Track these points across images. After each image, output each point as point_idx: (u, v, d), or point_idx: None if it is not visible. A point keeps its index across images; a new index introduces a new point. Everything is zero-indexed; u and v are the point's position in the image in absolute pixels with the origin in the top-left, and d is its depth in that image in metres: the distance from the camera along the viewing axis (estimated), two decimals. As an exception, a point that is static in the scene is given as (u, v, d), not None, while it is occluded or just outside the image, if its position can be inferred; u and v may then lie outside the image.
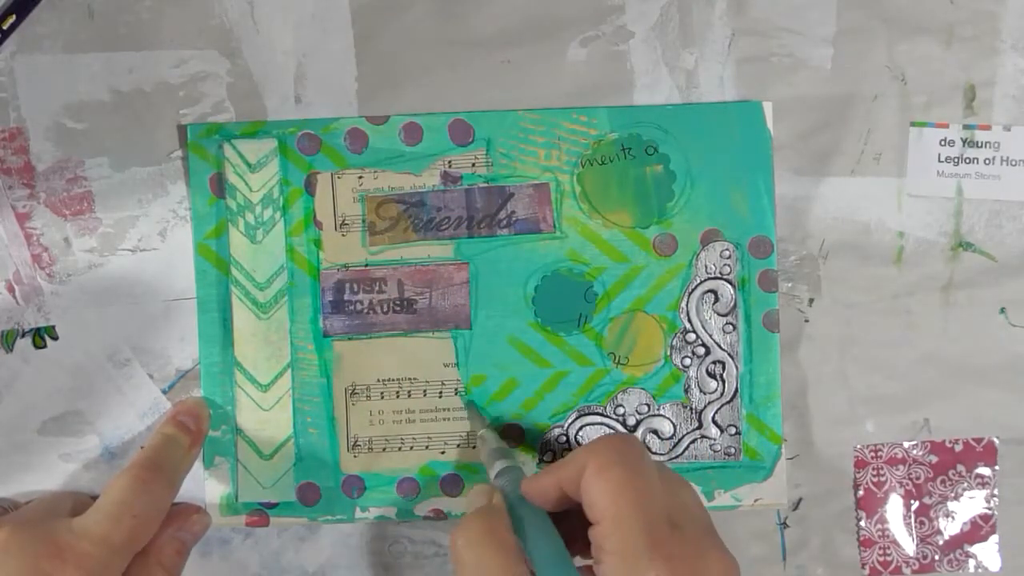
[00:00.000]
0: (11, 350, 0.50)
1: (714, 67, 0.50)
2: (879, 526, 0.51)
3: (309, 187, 0.50)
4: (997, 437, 0.51)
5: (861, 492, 0.50)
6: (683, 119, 0.49)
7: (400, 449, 0.50)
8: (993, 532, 0.51)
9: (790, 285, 0.50)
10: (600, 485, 0.40)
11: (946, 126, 0.50)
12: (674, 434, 0.50)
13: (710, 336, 0.50)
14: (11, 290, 0.50)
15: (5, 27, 0.48)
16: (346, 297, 0.50)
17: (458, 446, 0.50)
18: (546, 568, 0.41)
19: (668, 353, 0.50)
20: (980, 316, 0.50)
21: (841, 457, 0.50)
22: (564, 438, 0.50)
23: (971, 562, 0.51)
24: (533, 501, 0.43)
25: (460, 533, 0.42)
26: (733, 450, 0.50)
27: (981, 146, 0.50)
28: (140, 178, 0.50)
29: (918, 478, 0.51)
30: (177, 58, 0.49)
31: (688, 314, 0.50)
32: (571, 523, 0.42)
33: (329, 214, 0.50)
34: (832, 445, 0.50)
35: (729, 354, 0.50)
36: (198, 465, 0.50)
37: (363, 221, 0.50)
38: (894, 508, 0.51)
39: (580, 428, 0.50)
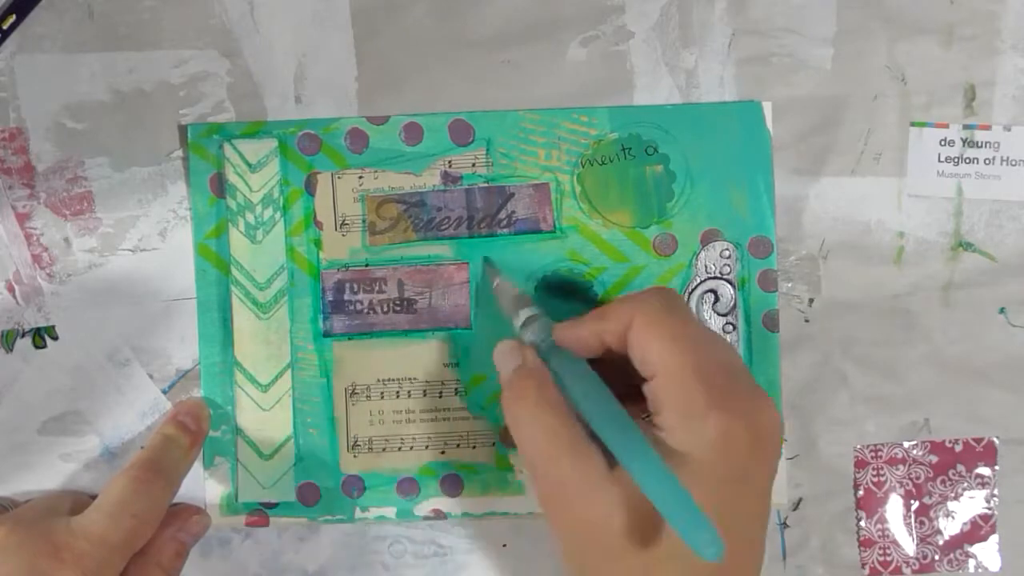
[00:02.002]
0: (11, 350, 0.50)
1: (714, 67, 0.50)
2: (879, 526, 0.51)
3: (309, 187, 0.50)
4: (997, 437, 0.51)
5: (861, 492, 0.51)
6: (683, 119, 0.50)
7: (400, 449, 0.50)
8: (993, 532, 0.51)
9: (790, 285, 0.50)
10: (653, 338, 0.40)
11: (946, 126, 0.50)
12: (674, 434, 0.50)
13: (710, 336, 0.50)
14: (11, 290, 0.50)
15: (5, 27, 0.48)
16: (346, 297, 0.50)
17: (458, 446, 0.50)
18: (604, 424, 0.39)
19: (668, 353, 0.50)
20: (980, 316, 0.50)
21: (841, 457, 0.50)
22: (564, 438, 0.50)
23: (971, 562, 0.51)
24: (570, 348, 0.42)
25: (513, 402, 0.41)
26: (733, 450, 0.50)
27: (981, 146, 0.50)
28: (140, 178, 0.50)
29: (918, 478, 0.51)
30: (177, 58, 0.49)
31: (688, 314, 0.50)
32: (604, 371, 0.41)
33: (329, 214, 0.50)
34: (832, 445, 0.50)
35: (729, 354, 0.50)
36: (198, 465, 0.50)
37: (363, 221, 0.50)
38: (894, 508, 0.51)
39: (580, 428, 0.50)
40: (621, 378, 0.42)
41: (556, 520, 0.41)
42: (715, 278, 0.50)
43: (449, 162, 0.50)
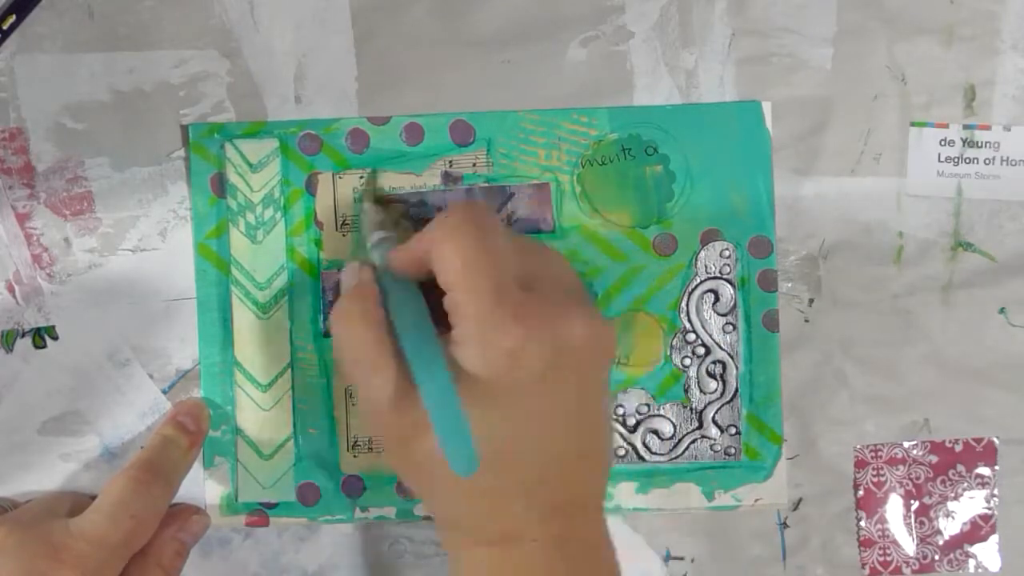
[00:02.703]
0: (11, 350, 0.50)
1: (714, 67, 0.50)
2: (879, 526, 0.51)
3: (310, 187, 0.50)
4: (997, 437, 0.51)
5: (861, 492, 0.51)
6: (683, 119, 0.50)
7: (400, 449, 0.50)
8: (993, 532, 0.51)
9: (790, 285, 0.50)
10: (447, 251, 0.40)
11: (946, 126, 0.50)
12: (674, 434, 0.50)
13: (710, 336, 0.50)
14: (11, 290, 0.50)
15: (5, 27, 0.48)
16: (346, 297, 0.50)
17: (458, 446, 0.50)
18: (407, 339, 0.41)
19: (668, 353, 0.50)
20: (980, 316, 0.50)
21: (841, 457, 0.50)
22: (564, 438, 0.50)
23: (971, 562, 0.51)
24: (398, 272, 0.43)
25: (334, 313, 0.43)
26: (733, 450, 0.50)
27: (981, 146, 0.50)
28: (140, 178, 0.50)
29: (918, 478, 0.51)
30: (177, 58, 0.49)
31: (688, 314, 0.50)
32: (439, 296, 0.42)
33: (330, 214, 0.50)
34: (832, 445, 0.50)
35: (729, 354, 0.50)
36: (198, 465, 0.50)
37: (364, 221, 0.50)
38: (894, 508, 0.51)
39: (580, 428, 0.50)
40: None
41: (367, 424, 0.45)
42: (715, 278, 0.50)
43: (450, 162, 0.50)
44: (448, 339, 0.41)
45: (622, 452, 0.50)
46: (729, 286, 0.50)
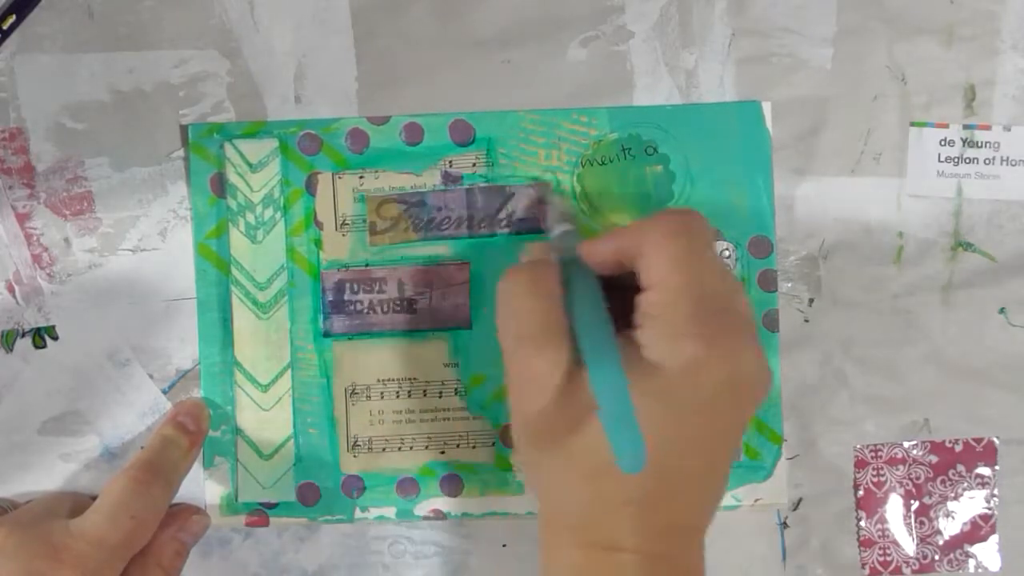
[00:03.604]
0: (11, 350, 0.50)
1: (714, 67, 0.50)
2: (879, 526, 0.51)
3: (310, 187, 0.50)
4: (997, 437, 0.51)
5: (861, 492, 0.51)
6: (683, 119, 0.50)
7: (400, 449, 0.50)
8: (993, 532, 0.51)
9: (790, 285, 0.50)
10: (660, 252, 0.40)
11: (946, 126, 0.50)
12: (674, 434, 0.50)
13: (710, 336, 0.50)
14: (11, 290, 0.50)
15: (5, 27, 0.48)
16: (346, 297, 0.50)
17: (458, 446, 0.50)
18: (583, 322, 0.40)
19: (668, 353, 0.50)
20: (980, 316, 0.50)
21: (841, 457, 0.50)
22: (564, 438, 0.50)
23: (971, 562, 0.51)
24: (589, 262, 0.43)
25: (507, 278, 0.42)
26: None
27: (981, 146, 0.50)
28: (140, 178, 0.50)
29: (918, 478, 0.51)
30: (177, 58, 0.49)
31: (688, 314, 0.50)
32: (619, 295, 0.42)
33: (330, 214, 0.50)
34: (832, 445, 0.50)
35: (729, 354, 0.50)
36: (198, 465, 0.50)
37: (364, 221, 0.50)
38: (894, 508, 0.51)
39: (580, 428, 0.50)
40: (633, 312, 0.42)
41: (511, 402, 0.42)
42: (715, 278, 0.50)
43: (449, 162, 0.50)
44: (625, 338, 0.40)
45: (622, 452, 0.50)
46: (729, 286, 0.50)
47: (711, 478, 0.42)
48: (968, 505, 0.51)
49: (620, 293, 0.42)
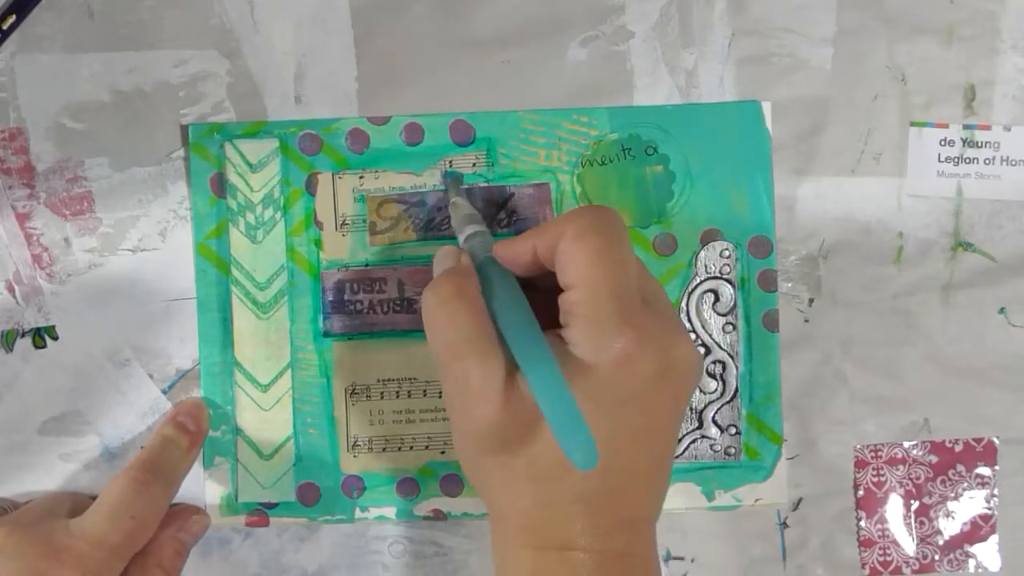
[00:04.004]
0: (11, 350, 0.50)
1: (714, 67, 0.50)
2: (879, 526, 0.51)
3: (310, 187, 0.50)
4: (997, 437, 0.51)
5: (861, 492, 0.50)
6: (683, 119, 0.50)
7: (400, 449, 0.50)
8: (993, 532, 0.51)
9: (790, 285, 0.50)
10: (577, 250, 0.40)
11: (946, 126, 0.50)
12: (674, 434, 0.50)
13: (710, 336, 0.50)
14: (11, 290, 0.50)
15: (5, 27, 0.48)
16: (346, 297, 0.50)
17: (458, 446, 0.50)
18: (511, 327, 0.40)
19: (668, 353, 0.50)
20: (980, 316, 0.50)
21: (841, 457, 0.50)
22: (564, 438, 0.50)
23: (971, 562, 0.51)
24: (505, 264, 0.43)
25: (430, 292, 0.42)
26: (733, 450, 0.50)
27: (981, 146, 0.50)
28: (140, 178, 0.50)
29: (918, 478, 0.51)
30: (177, 58, 0.49)
31: (688, 314, 0.50)
32: (534, 293, 0.42)
33: (330, 214, 0.50)
34: (832, 445, 0.50)
35: (729, 354, 0.50)
36: (198, 465, 0.50)
37: (364, 221, 0.50)
38: (894, 508, 0.51)
39: (580, 428, 0.50)
40: (552, 309, 0.42)
41: (451, 413, 0.42)
42: (715, 278, 0.50)
43: (450, 162, 0.50)
44: (552, 337, 0.40)
45: (622, 452, 0.50)
46: (729, 286, 0.50)
47: (656, 470, 0.42)
48: (968, 505, 0.51)
49: (537, 293, 0.42)
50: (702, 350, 0.50)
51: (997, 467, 0.51)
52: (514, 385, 0.40)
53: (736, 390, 0.50)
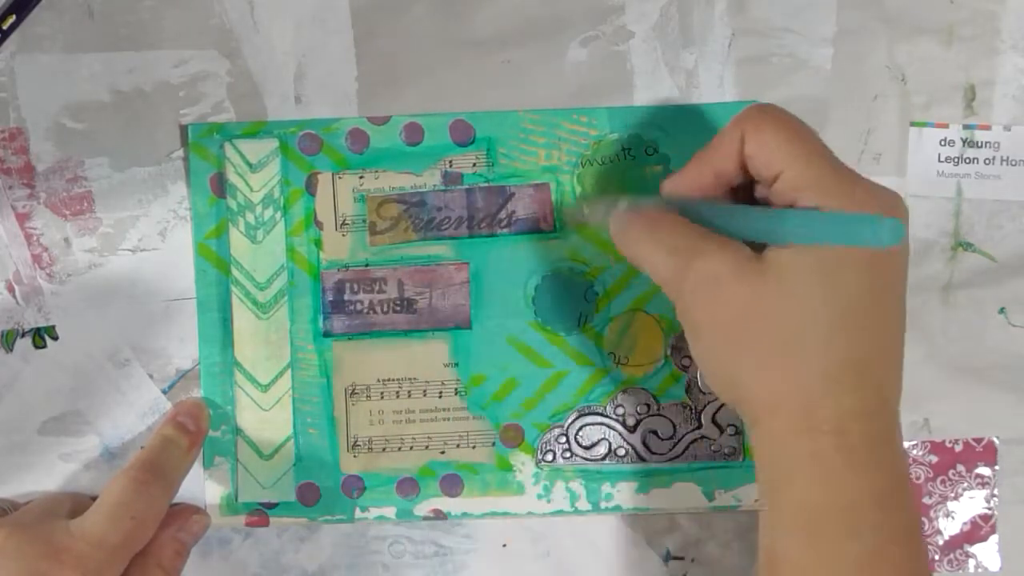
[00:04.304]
0: (11, 350, 0.50)
1: (714, 67, 0.50)
2: (879, 526, 0.51)
3: (310, 187, 0.50)
4: (997, 437, 0.51)
5: (861, 492, 0.50)
6: (683, 119, 0.50)
7: (400, 449, 0.50)
8: (993, 532, 0.51)
9: (790, 285, 0.50)
10: (773, 133, 0.40)
11: (946, 126, 0.50)
12: (674, 434, 0.50)
13: (710, 336, 0.50)
14: (11, 290, 0.50)
15: (5, 27, 0.48)
16: (346, 297, 0.50)
17: (458, 446, 0.50)
18: (737, 215, 0.41)
19: (668, 353, 0.50)
20: (980, 316, 0.50)
21: (841, 457, 0.50)
22: (564, 438, 0.50)
23: (971, 562, 0.51)
24: (679, 196, 0.43)
25: (632, 224, 0.43)
26: (733, 450, 0.50)
27: (981, 146, 0.50)
28: (140, 178, 0.50)
29: (918, 478, 0.51)
30: (177, 58, 0.49)
31: (688, 314, 0.50)
32: None
33: (330, 214, 0.50)
34: (832, 445, 0.50)
35: (729, 354, 0.50)
36: (198, 465, 0.50)
37: (364, 221, 0.50)
38: (894, 508, 0.50)
39: (580, 428, 0.50)
40: None
41: (696, 312, 0.41)
42: (715, 278, 0.50)
43: (450, 162, 0.50)
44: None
45: (622, 452, 0.50)
46: (729, 286, 0.49)
47: (886, 350, 0.41)
48: (968, 505, 0.51)
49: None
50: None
51: (997, 467, 0.51)
52: (761, 266, 0.40)
53: (736, 390, 0.50)
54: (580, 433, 0.50)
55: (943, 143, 0.50)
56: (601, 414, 0.50)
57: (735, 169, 0.42)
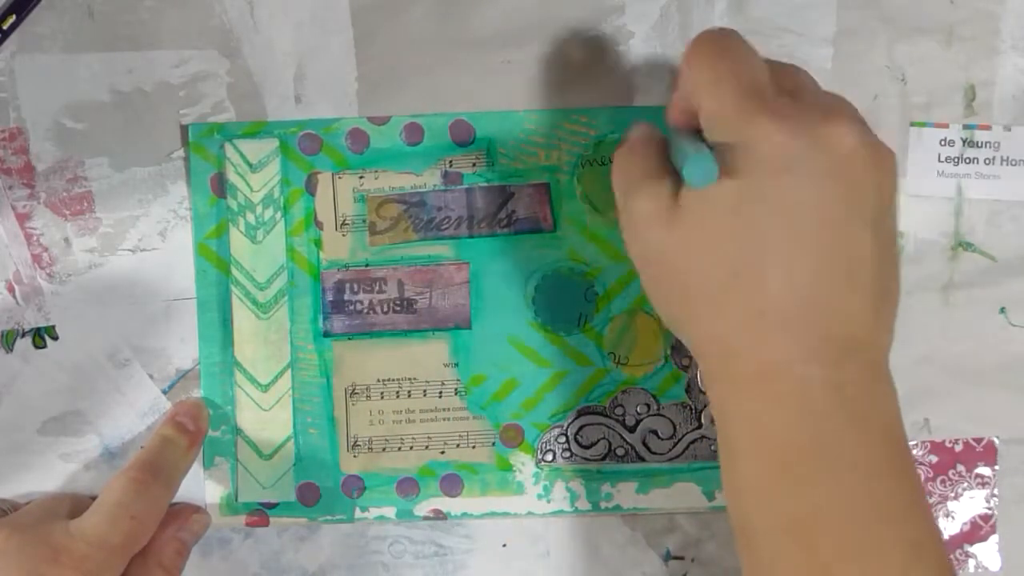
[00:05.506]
0: (11, 350, 0.50)
1: (714, 67, 0.50)
2: (879, 526, 0.50)
3: (310, 187, 0.50)
4: (997, 437, 0.51)
5: (861, 492, 0.50)
6: (683, 119, 0.49)
7: (400, 449, 0.50)
8: (993, 532, 0.51)
9: (790, 285, 0.50)
10: (698, 66, 0.39)
11: (946, 126, 0.50)
12: (674, 434, 0.50)
13: (710, 336, 0.50)
14: (11, 290, 0.50)
15: (5, 27, 0.48)
16: (346, 297, 0.50)
17: (458, 446, 0.50)
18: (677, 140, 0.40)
19: (668, 353, 0.50)
20: (980, 316, 0.50)
21: (841, 457, 0.50)
22: (564, 438, 0.50)
23: (971, 562, 0.51)
24: (671, 125, 0.43)
25: (615, 156, 0.43)
26: (733, 450, 0.50)
27: (981, 146, 0.50)
28: (140, 178, 0.50)
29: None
30: (177, 58, 0.49)
31: (688, 314, 0.50)
32: None
33: (330, 214, 0.50)
34: (832, 445, 0.50)
35: (729, 354, 0.50)
36: (198, 465, 0.50)
37: (364, 221, 0.50)
38: (894, 508, 0.50)
39: (580, 428, 0.50)
40: None
41: (637, 261, 0.42)
42: (715, 278, 0.50)
43: (450, 162, 0.50)
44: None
45: (622, 452, 0.50)
46: (729, 286, 0.50)
47: (852, 282, 0.38)
48: (968, 505, 0.51)
49: None
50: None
51: (997, 467, 0.51)
52: (672, 211, 0.39)
53: (736, 390, 0.50)
54: (580, 433, 0.50)
55: (943, 143, 0.50)
56: (601, 414, 0.50)
57: (692, 98, 0.41)
